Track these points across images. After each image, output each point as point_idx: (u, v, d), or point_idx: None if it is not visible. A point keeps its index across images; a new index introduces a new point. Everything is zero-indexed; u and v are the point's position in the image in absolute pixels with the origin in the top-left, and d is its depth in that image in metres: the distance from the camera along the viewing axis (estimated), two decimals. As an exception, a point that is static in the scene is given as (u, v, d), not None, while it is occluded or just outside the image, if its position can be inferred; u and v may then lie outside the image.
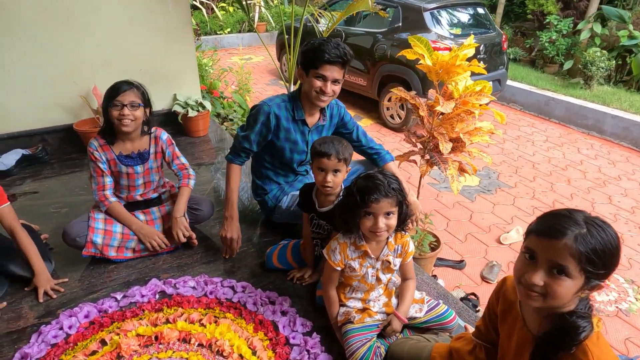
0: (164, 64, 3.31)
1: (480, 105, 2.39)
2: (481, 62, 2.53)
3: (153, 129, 2.05)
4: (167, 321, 1.68)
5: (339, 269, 1.50)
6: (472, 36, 2.51)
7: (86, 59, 3.03)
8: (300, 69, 1.94)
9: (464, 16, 5.18)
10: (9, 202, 1.80)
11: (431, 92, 2.86)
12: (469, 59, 2.38)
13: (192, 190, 2.12)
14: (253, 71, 6.24)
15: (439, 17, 4.89)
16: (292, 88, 3.63)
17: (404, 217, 1.44)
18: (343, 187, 1.71)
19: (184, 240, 2.03)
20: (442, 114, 2.44)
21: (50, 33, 2.87)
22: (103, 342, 1.59)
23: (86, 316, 1.70)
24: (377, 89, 5.27)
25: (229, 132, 3.84)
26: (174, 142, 2.13)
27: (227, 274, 1.94)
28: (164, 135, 2.09)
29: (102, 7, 2.96)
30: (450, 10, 5.03)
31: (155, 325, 1.65)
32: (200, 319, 1.68)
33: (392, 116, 5.20)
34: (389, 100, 5.15)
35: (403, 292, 1.56)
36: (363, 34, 5.38)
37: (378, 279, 1.54)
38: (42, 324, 1.66)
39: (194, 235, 2.09)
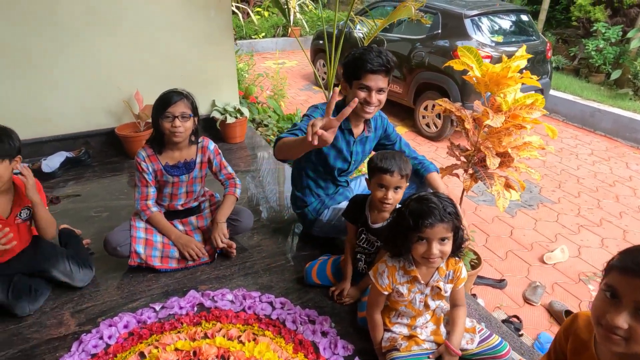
0: (204, 70, 3.32)
1: (531, 119, 2.27)
2: (523, 71, 2.42)
3: (200, 139, 2.04)
4: (206, 336, 1.65)
5: (386, 293, 1.43)
6: (524, 46, 2.40)
7: (130, 65, 3.08)
8: (343, 82, 1.89)
9: (506, 23, 5.01)
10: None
11: (476, 104, 2.75)
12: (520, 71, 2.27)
13: (237, 200, 2.11)
14: (286, 76, 6.25)
15: (480, 24, 4.74)
16: (329, 94, 3.58)
17: (459, 243, 1.35)
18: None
19: (222, 245, 2.01)
20: (489, 127, 2.33)
21: (97, 39, 2.94)
22: (142, 355, 1.57)
23: (125, 326, 1.69)
24: (413, 97, 5.16)
25: (263, 137, 3.83)
26: (220, 151, 2.11)
27: (265, 289, 1.90)
28: (212, 145, 2.08)
29: (147, 15, 3.00)
30: (492, 17, 4.88)
31: (194, 339, 1.63)
32: (239, 336, 1.64)
33: (427, 125, 5.08)
34: (425, 108, 5.03)
35: (454, 321, 1.47)
36: (400, 40, 5.29)
37: (426, 305, 1.46)
38: (83, 332, 1.66)
39: (233, 245, 2.07)
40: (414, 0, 3.14)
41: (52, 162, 2.85)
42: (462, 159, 2.57)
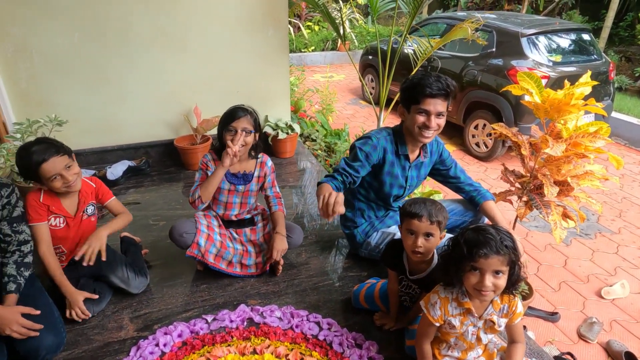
0: (259, 86, 3.44)
1: (594, 148, 2.18)
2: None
3: (260, 155, 2.12)
4: (255, 351, 1.69)
5: (437, 324, 1.41)
6: (589, 72, 2.31)
7: (190, 81, 3.24)
8: (401, 107, 1.91)
9: (565, 42, 4.83)
10: (113, 196, 2.03)
11: (534, 129, 2.67)
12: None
13: None
14: (336, 91, 6.33)
15: (537, 43, 4.60)
16: (379, 110, 3.58)
17: (515, 279, 1.32)
18: (436, 254, 1.62)
19: (278, 259, 2.06)
20: (547, 153, 2.25)
21: (164, 57, 3.13)
22: (194, 365, 1.64)
23: (179, 335, 1.76)
24: (463, 115, 5.07)
25: (311, 151, 3.89)
26: (275, 170, 2.18)
27: (312, 308, 1.92)
28: (269, 163, 2.17)
29: (209, 34, 3.16)
30: (550, 36, 4.72)
31: (243, 354, 1.67)
32: (287, 354, 1.67)
33: (477, 144, 4.96)
34: (475, 127, 4.93)
35: (510, 358, 1.43)
36: (451, 58, 5.22)
37: (478, 339, 1.43)
38: (140, 338, 1.75)
39: (282, 261, 2.11)
40: (471, 20, 3.11)
41: (116, 170, 3.04)
42: (517, 185, 2.50)
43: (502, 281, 1.29)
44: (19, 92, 2.89)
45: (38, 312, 1.59)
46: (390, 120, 5.88)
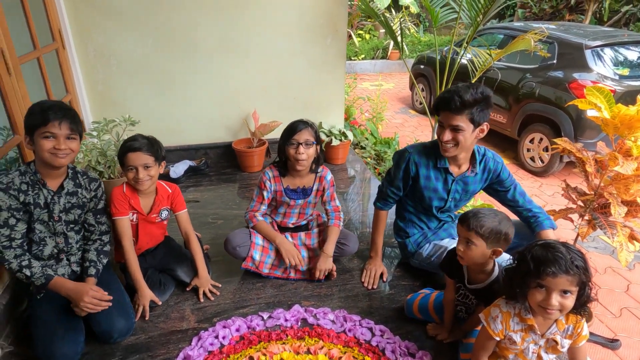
0: (315, 94, 3.53)
1: (668, 168, 2.07)
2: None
3: (320, 168, 2.16)
4: (308, 351, 1.74)
5: (497, 339, 1.39)
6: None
7: (249, 86, 3.38)
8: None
9: (634, 55, 4.59)
10: (185, 209, 2.09)
11: (600, 146, 2.56)
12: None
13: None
14: (387, 99, 6.32)
15: (602, 55, 4.40)
16: (432, 121, 3.56)
17: (584, 301, 1.28)
18: (497, 264, 1.61)
19: (321, 277, 2.12)
20: (615, 171, 2.16)
21: (227, 63, 3.28)
22: (251, 359, 1.70)
23: (237, 330, 1.84)
24: (518, 128, 4.92)
25: (359, 157, 3.92)
26: (334, 184, 2.24)
27: (364, 314, 1.94)
28: (329, 176, 2.20)
29: (270, 42, 3.29)
30: (617, 49, 4.50)
31: (298, 353, 1.73)
32: (340, 357, 1.70)
33: (532, 159, 4.79)
34: (531, 141, 4.77)
35: (572, 381, 1.39)
36: (507, 69, 5.09)
37: (539, 357, 1.40)
38: (201, 329, 1.84)
39: (334, 268, 2.16)
40: (534, 32, 3.04)
41: (178, 169, 3.21)
42: (579, 203, 2.40)
43: (570, 301, 1.26)
44: (97, 93, 3.13)
45: (110, 297, 1.72)
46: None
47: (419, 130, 6.34)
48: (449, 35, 10.54)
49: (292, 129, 2.00)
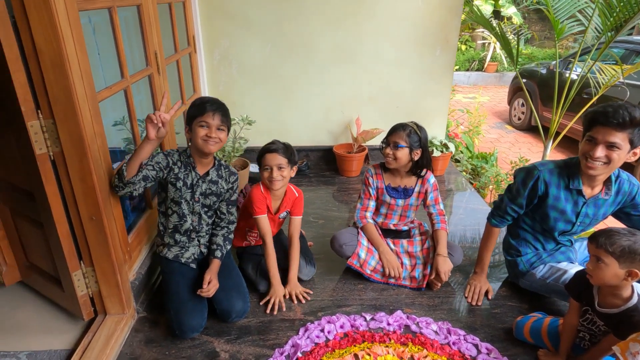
0: (419, 104, 3.53)
1: None
2: None
3: (424, 171, 2.19)
4: (412, 358, 1.75)
5: (632, 376, 1.30)
6: None
7: (356, 93, 3.48)
8: (581, 138, 1.79)
9: None
10: (301, 216, 2.21)
11: None
12: None
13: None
14: (486, 113, 6.06)
15: None
16: (550, 143, 3.38)
17: None
18: (636, 291, 1.49)
19: (446, 279, 2.12)
20: None
21: (336, 70, 3.42)
22: (356, 357, 1.76)
23: (341, 327, 1.91)
24: None
25: (458, 169, 3.83)
26: (438, 187, 2.24)
27: (468, 329, 1.91)
28: (432, 179, 2.22)
29: (380, 51, 3.36)
30: None
31: (401, 358, 1.75)
32: (446, 368, 1.69)
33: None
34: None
35: None
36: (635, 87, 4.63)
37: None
38: (307, 322, 1.94)
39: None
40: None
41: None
42: None
43: None
44: (217, 93, 3.43)
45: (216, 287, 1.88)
46: (554, 154, 5.43)
47: (515, 147, 6.02)
48: (552, 48, 9.87)
49: (391, 130, 2.14)
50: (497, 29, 3.13)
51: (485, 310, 2.04)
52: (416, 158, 2.14)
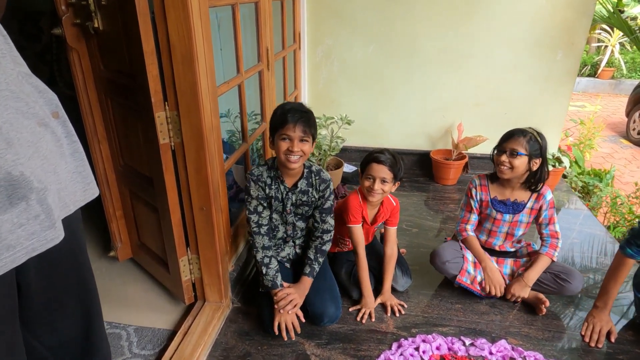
0: (530, 112, 3.23)
1: None
2: None
3: (541, 185, 1.98)
4: (519, 396, 1.58)
5: None
6: None
7: (459, 97, 3.27)
8: None
9: None
10: (396, 226, 2.11)
11: None
12: None
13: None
14: (603, 125, 5.42)
15: None
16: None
17: None
18: None
19: (512, 300, 1.99)
20: None
21: (441, 73, 3.24)
22: (453, 384, 1.63)
23: (437, 348, 1.79)
24: None
25: (570, 186, 3.46)
26: (555, 205, 2.01)
27: (586, 373, 1.69)
28: (549, 196, 2.00)
29: (490, 53, 3.12)
30: None
31: (506, 394, 1.58)
32: (560, 415, 1.50)
33: None
34: None
35: None
36: None
37: None
38: (400, 337, 1.85)
39: (547, 303, 1.93)
40: None
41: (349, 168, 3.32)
42: None
43: None
44: (316, 91, 3.43)
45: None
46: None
47: (632, 164, 5.34)
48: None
49: (506, 135, 1.96)
50: (638, 32, 2.74)
51: (606, 354, 1.79)
52: (534, 168, 1.93)
